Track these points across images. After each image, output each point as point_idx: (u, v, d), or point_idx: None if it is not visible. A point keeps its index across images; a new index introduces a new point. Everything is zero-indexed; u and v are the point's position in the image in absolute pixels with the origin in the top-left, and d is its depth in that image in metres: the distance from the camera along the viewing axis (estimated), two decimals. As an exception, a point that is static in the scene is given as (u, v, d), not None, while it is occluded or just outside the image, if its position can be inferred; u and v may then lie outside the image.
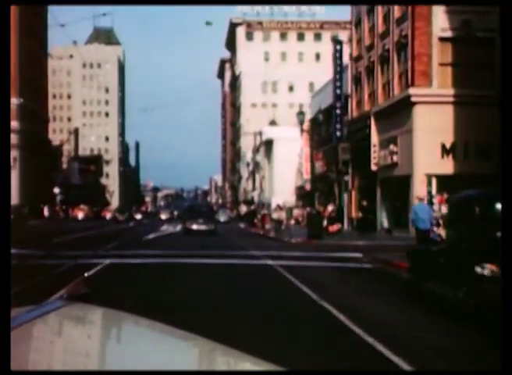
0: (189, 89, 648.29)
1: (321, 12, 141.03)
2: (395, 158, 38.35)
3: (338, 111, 48.71)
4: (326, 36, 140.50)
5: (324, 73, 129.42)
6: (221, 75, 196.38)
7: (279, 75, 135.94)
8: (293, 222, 55.24)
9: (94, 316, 3.11)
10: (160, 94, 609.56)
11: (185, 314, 10.51)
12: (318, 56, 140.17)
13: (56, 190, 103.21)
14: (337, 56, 49.21)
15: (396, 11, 38.77)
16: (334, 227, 38.40)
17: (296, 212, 60.72)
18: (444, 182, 34.79)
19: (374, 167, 41.73)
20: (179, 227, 59.10)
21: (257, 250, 27.62)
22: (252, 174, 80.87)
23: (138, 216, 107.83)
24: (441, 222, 34.48)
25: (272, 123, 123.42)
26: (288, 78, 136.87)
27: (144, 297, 13.06)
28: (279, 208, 49.07)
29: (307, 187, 61.89)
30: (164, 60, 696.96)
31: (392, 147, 38.60)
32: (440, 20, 35.44)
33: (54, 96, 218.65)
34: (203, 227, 45.91)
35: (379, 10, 42.09)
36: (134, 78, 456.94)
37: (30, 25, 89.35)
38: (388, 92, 40.59)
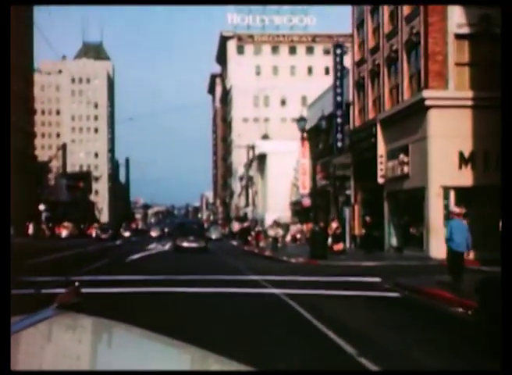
0: (179, 105, 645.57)
1: (312, 24, 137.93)
2: (406, 169, 34.69)
3: (339, 120, 45.17)
4: (318, 49, 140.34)
5: (316, 86, 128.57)
6: (211, 90, 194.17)
7: (270, 89, 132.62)
8: (289, 239, 51.69)
9: (86, 325, 3.14)
10: (150, 109, 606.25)
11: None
12: (310, 70, 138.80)
13: (41, 207, 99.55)
14: (337, 61, 45.72)
15: (405, 7, 35.20)
16: (339, 246, 34.72)
17: (293, 228, 57.04)
18: (462, 195, 31.21)
19: (380, 180, 38.11)
20: (168, 246, 55.48)
21: (256, 273, 23.86)
22: (245, 189, 77.31)
23: (126, 234, 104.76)
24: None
25: (265, 137, 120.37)
26: (280, 92, 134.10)
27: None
28: (276, 224, 45.46)
29: (305, 202, 58.25)
30: (154, 75, 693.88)
31: (402, 157, 34.98)
32: (456, 15, 31.91)
33: (43, 112, 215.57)
34: (194, 245, 44.87)
35: (385, 8, 38.57)
36: (124, 93, 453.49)
37: (15, 38, 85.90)
38: (396, 97, 36.99)
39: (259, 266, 29.08)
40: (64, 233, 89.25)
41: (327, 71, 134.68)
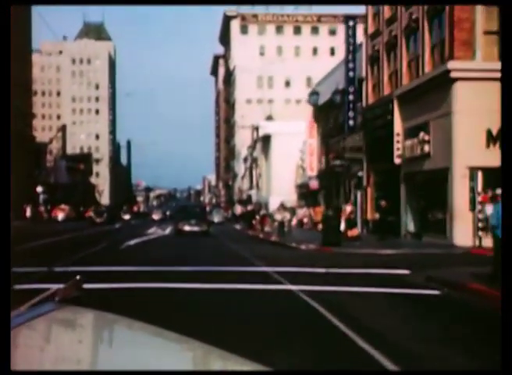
0: (182, 86, 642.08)
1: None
2: (426, 148, 31.78)
3: (351, 96, 42.22)
4: (324, 29, 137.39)
5: (321, 67, 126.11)
6: (214, 71, 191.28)
7: (274, 70, 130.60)
8: (294, 223, 48.88)
9: (87, 318, 3.15)
10: (151, 91, 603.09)
11: None
12: (315, 50, 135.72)
13: (39, 189, 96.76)
14: (349, 34, 42.66)
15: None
16: (354, 232, 31.85)
17: (300, 212, 54.14)
18: (490, 176, 28.32)
19: (397, 160, 35.23)
20: (168, 230, 52.79)
21: (265, 263, 21.10)
22: (249, 171, 74.39)
23: (126, 217, 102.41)
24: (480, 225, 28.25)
25: (269, 118, 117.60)
26: (284, 73, 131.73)
27: None
28: (283, 208, 42.56)
29: (313, 184, 55.43)
30: (156, 56, 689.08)
31: (422, 135, 32.08)
32: (485, -22, 28.90)
33: (43, 93, 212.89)
34: (195, 228, 44.43)
35: (403, -25, 35.49)
36: (125, 75, 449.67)
37: (13, 19, 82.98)
38: (415, 70, 34.03)
39: (267, 254, 26.30)
40: (60, 216, 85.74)
41: (332, 52, 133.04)
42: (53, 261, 20.44)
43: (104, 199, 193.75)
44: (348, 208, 34.57)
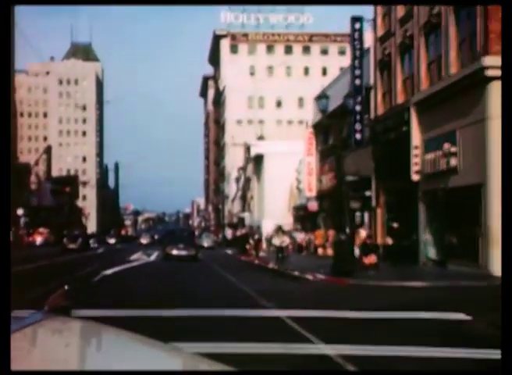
0: (170, 109, 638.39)
1: (309, 23, 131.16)
2: (453, 161, 27.24)
3: (358, 107, 37.74)
4: (315, 49, 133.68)
5: (313, 87, 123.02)
6: (204, 93, 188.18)
7: (265, 90, 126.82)
8: (290, 248, 44.33)
9: (76, 328, 3.14)
10: (140, 114, 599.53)
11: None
12: (306, 70, 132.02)
13: (20, 211, 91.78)
14: (356, 37, 38.22)
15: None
16: (371, 258, 27.17)
17: (300, 236, 49.48)
18: (533, 193, 23.76)
19: (415, 177, 30.71)
20: (155, 255, 48.19)
21: (273, 302, 16.45)
22: (242, 192, 69.68)
23: (111, 241, 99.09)
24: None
25: (260, 139, 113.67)
26: (275, 93, 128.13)
27: None
28: (281, 231, 38.01)
29: (311, 206, 50.91)
30: (143, 78, 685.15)
31: (447, 147, 27.56)
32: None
33: (29, 114, 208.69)
34: (183, 253, 43.58)
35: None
36: (113, 96, 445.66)
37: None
38: (438, 72, 29.62)
39: (270, 288, 21.66)
40: (39, 240, 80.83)
41: (324, 72, 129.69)
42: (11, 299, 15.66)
43: (91, 223, 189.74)
44: (363, 232, 29.90)
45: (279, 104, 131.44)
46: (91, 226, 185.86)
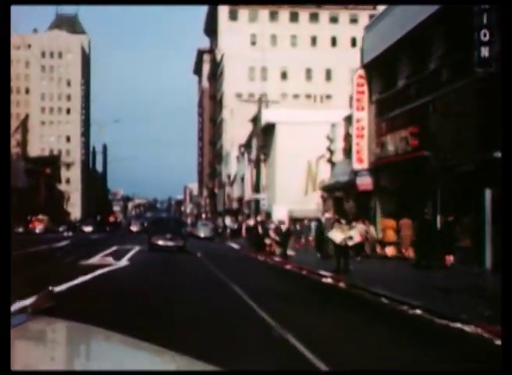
0: (162, 88, 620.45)
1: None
2: None
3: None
4: (324, 16, 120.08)
5: (322, 58, 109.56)
6: (198, 70, 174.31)
7: (268, 60, 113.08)
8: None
9: (61, 329, 3.08)
10: (130, 93, 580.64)
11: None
12: (314, 40, 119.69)
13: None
14: None
15: None
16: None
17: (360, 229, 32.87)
18: None
19: None
20: (129, 256, 32.50)
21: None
22: (256, 166, 53.72)
23: (88, 229, 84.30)
24: None
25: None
26: (280, 63, 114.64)
27: None
28: (337, 220, 22.26)
29: (363, 183, 34.98)
30: (134, 54, 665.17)
31: None
32: None
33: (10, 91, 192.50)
34: (170, 243, 40.83)
35: None
36: (101, 73, 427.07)
37: None
38: None
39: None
40: (39, 227, 76.02)
41: (334, 42, 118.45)
42: None
43: (75, 208, 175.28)
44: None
45: (284, 75, 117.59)
46: (76, 212, 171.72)
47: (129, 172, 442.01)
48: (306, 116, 63.96)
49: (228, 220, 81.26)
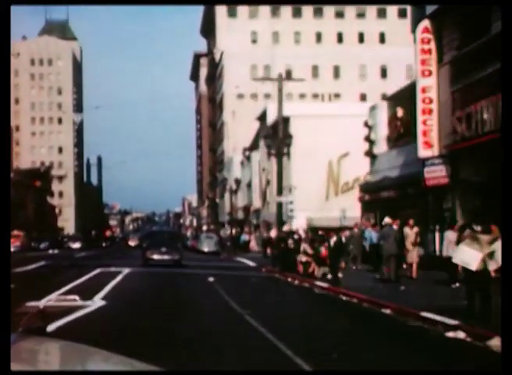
0: (158, 96, 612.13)
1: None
2: None
3: None
4: (329, 11, 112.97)
5: (327, 55, 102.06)
6: (195, 75, 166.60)
7: (271, 58, 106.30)
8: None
9: (51, 348, 3.06)
10: (126, 101, 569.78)
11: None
12: (319, 36, 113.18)
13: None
14: None
15: None
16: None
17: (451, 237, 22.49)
18: None
19: None
20: (123, 274, 23.06)
21: None
22: (278, 163, 44.40)
23: (75, 245, 75.87)
24: None
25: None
26: (284, 61, 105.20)
27: None
28: (470, 227, 12.59)
29: (433, 175, 25.19)
30: (128, 63, 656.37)
31: None
32: None
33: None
34: (166, 257, 39.79)
35: None
36: (94, 82, 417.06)
37: None
38: None
39: None
40: (13, 245, 63.77)
41: (340, 38, 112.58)
42: None
43: (69, 223, 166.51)
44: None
45: (288, 74, 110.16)
46: (69, 227, 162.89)
47: (126, 185, 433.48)
48: (324, 108, 55.82)
49: (228, 232, 72.91)
